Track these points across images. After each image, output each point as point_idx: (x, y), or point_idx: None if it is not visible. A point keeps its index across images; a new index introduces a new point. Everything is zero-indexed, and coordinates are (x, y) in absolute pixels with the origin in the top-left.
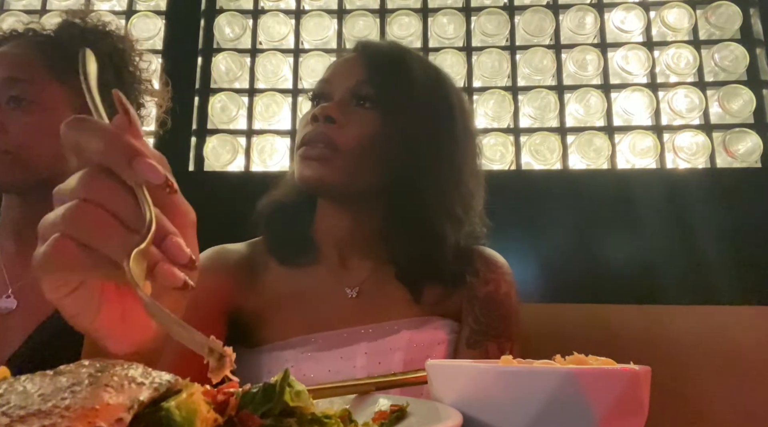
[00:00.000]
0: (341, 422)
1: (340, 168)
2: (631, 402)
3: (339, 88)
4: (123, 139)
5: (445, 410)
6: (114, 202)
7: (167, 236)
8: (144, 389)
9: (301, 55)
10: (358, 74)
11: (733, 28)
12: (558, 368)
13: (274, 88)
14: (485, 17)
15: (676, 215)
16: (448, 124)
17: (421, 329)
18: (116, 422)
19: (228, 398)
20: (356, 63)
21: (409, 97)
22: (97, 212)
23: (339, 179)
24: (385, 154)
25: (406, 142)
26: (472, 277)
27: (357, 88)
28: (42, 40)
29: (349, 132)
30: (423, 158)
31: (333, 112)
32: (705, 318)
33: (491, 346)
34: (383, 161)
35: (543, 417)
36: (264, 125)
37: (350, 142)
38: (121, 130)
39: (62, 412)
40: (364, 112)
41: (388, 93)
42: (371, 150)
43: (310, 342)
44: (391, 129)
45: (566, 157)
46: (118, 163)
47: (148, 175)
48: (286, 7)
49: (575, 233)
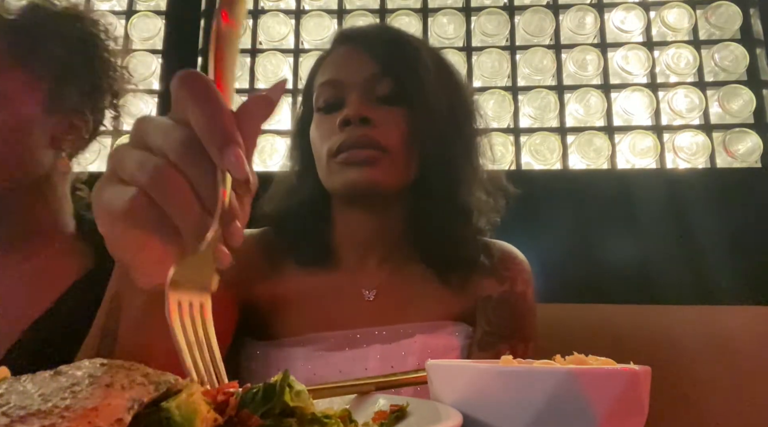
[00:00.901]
0: (341, 422)
1: (391, 169)
2: (631, 402)
3: (353, 87)
4: (226, 120)
5: (445, 410)
6: (198, 176)
7: (232, 221)
8: (144, 389)
9: (301, 55)
10: (370, 66)
11: (733, 28)
12: (558, 368)
13: None
14: (485, 17)
15: (676, 215)
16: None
17: (436, 333)
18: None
19: (228, 398)
20: (363, 57)
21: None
22: (180, 181)
23: (391, 180)
24: (419, 150)
25: (435, 134)
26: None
27: (374, 85)
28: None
29: (388, 131)
30: (450, 147)
31: (368, 112)
32: (705, 318)
33: (503, 348)
34: (418, 157)
35: (543, 417)
36: (264, 125)
37: (394, 141)
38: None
39: (62, 412)
40: (391, 110)
41: (407, 85)
42: (410, 147)
43: (322, 340)
44: (420, 123)
45: (566, 157)
46: (212, 143)
47: (233, 168)
48: (286, 7)
49: (575, 233)
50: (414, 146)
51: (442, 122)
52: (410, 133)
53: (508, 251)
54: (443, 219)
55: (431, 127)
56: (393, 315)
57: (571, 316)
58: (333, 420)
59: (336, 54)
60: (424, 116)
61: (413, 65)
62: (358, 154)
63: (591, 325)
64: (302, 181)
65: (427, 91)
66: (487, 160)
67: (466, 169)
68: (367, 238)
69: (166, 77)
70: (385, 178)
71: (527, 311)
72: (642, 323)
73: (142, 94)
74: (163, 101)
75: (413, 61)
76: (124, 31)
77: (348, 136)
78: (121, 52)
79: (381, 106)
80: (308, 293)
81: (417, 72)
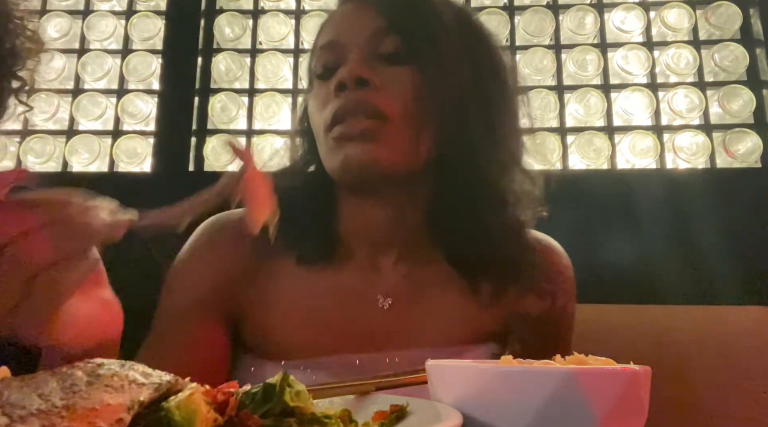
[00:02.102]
0: (341, 422)
1: (395, 142)
2: (631, 402)
3: (353, 46)
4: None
5: (445, 410)
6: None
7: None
8: (144, 389)
9: (301, 55)
10: (374, 22)
11: (733, 28)
12: (558, 368)
13: (274, 88)
14: (485, 17)
15: (676, 215)
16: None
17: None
18: (116, 422)
19: (228, 398)
20: (367, 10)
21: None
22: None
23: (396, 157)
24: (435, 121)
25: (455, 101)
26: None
27: (377, 41)
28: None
29: (390, 95)
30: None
31: (364, 71)
32: (705, 318)
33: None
34: (433, 129)
35: (543, 417)
36: (264, 125)
37: (397, 106)
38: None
39: (62, 412)
40: (397, 70)
41: (417, 40)
42: (420, 116)
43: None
44: (434, 86)
45: (566, 157)
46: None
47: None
48: (286, 7)
49: (575, 232)
50: (427, 115)
51: (463, 87)
52: (420, 98)
53: (550, 253)
54: (471, 208)
55: (448, 91)
56: (407, 334)
57: None
58: (333, 420)
59: (339, 13)
60: (438, 78)
61: (426, 18)
62: (354, 127)
63: (591, 325)
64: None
65: (443, 49)
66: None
67: (498, 146)
68: (379, 233)
69: (166, 77)
70: (388, 155)
71: (567, 328)
72: (642, 323)
73: (142, 94)
74: (163, 101)
75: (426, 14)
76: (124, 31)
77: (343, 102)
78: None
79: (384, 65)
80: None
81: (430, 26)
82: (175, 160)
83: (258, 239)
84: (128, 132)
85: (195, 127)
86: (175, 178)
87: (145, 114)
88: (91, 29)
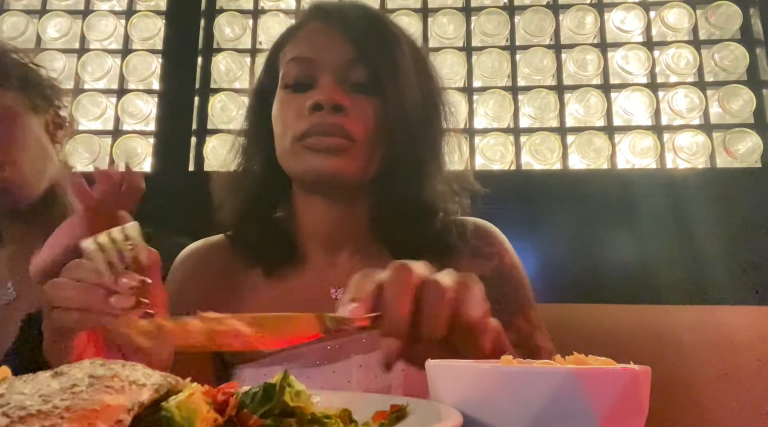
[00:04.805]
0: (341, 422)
1: (356, 159)
2: (631, 402)
3: (326, 69)
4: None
5: (445, 410)
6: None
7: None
8: (144, 390)
9: None
10: (346, 52)
11: (733, 28)
12: (558, 368)
13: None
14: (485, 17)
15: (676, 214)
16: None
17: None
18: (116, 423)
19: (228, 398)
20: (339, 38)
21: (402, 74)
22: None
23: (355, 171)
24: (388, 142)
25: (405, 128)
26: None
27: (348, 70)
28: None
29: (358, 121)
30: (418, 142)
31: (342, 99)
32: (705, 318)
33: (519, 321)
34: (384, 149)
35: (543, 417)
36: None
37: (363, 131)
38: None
39: (62, 413)
40: (364, 99)
41: (382, 75)
42: (379, 139)
43: (299, 357)
44: (391, 116)
45: (566, 157)
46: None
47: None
48: (286, 7)
49: (575, 232)
50: (382, 138)
51: (413, 116)
52: (380, 125)
53: (482, 227)
54: (405, 216)
55: (402, 121)
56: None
57: (571, 316)
58: (333, 420)
59: (309, 29)
60: (396, 109)
61: (390, 54)
62: (325, 142)
63: (591, 325)
64: (256, 161)
65: (401, 83)
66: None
67: (431, 166)
68: (333, 229)
69: (166, 77)
70: (349, 169)
71: (524, 279)
72: (642, 323)
73: (142, 94)
74: (163, 101)
75: (390, 50)
76: (124, 31)
77: (319, 121)
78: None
79: (354, 93)
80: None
81: (394, 61)
82: (175, 160)
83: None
84: (128, 132)
85: (195, 127)
86: (175, 178)
87: (145, 114)
88: (91, 29)
